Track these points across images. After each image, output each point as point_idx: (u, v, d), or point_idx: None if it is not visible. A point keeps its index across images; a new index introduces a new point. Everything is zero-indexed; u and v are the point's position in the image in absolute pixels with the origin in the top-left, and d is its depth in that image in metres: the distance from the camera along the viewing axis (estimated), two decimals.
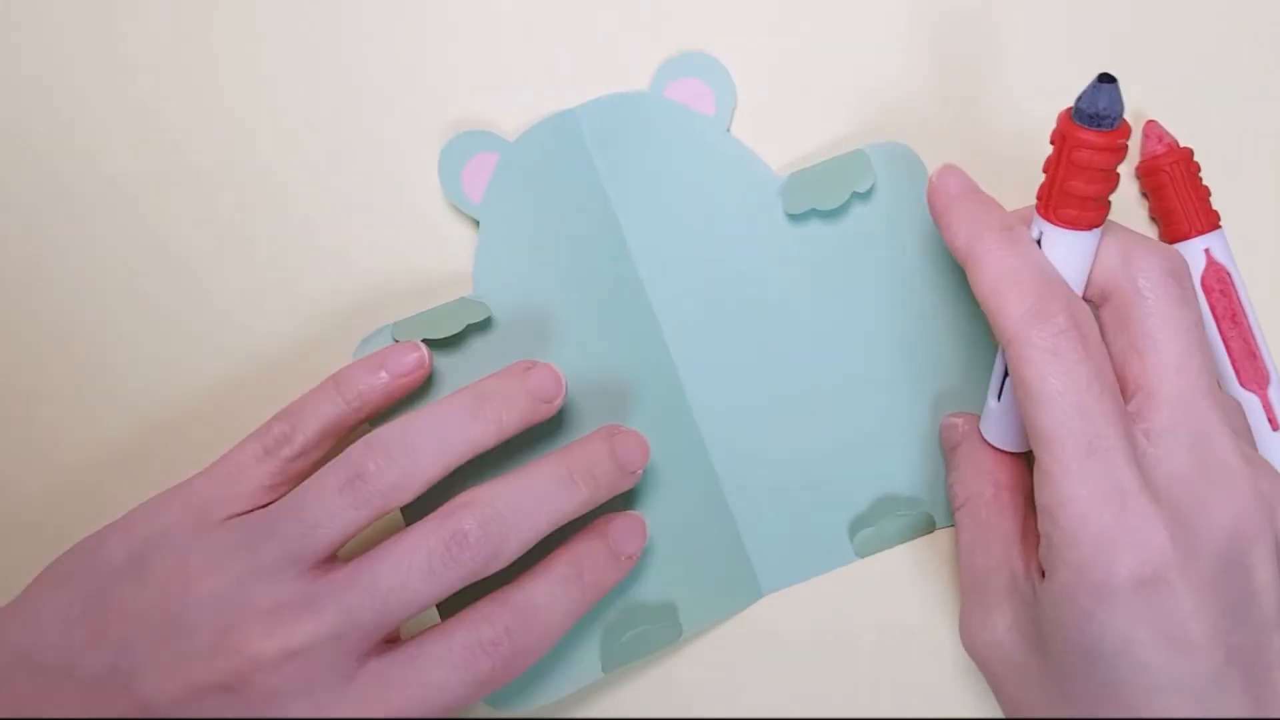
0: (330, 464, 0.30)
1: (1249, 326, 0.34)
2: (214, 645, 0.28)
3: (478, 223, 0.35)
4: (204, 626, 0.28)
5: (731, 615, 0.35)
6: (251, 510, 0.30)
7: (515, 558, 0.30)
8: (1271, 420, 0.34)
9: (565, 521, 0.30)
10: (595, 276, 0.35)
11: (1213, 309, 0.34)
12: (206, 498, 0.30)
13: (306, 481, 0.30)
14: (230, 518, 0.30)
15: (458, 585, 0.29)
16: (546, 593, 0.30)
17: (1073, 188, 0.28)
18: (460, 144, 0.35)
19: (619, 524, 0.33)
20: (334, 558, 0.30)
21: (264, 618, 0.28)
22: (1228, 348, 0.34)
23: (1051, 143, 0.29)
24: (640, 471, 0.33)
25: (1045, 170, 0.29)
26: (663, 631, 0.34)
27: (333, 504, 0.29)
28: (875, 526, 0.35)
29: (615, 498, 0.32)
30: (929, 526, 0.35)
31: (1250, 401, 0.34)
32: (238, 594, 0.28)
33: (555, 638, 0.30)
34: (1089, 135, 0.27)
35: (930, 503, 0.35)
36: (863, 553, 0.35)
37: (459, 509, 0.29)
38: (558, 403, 0.32)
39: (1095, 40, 0.36)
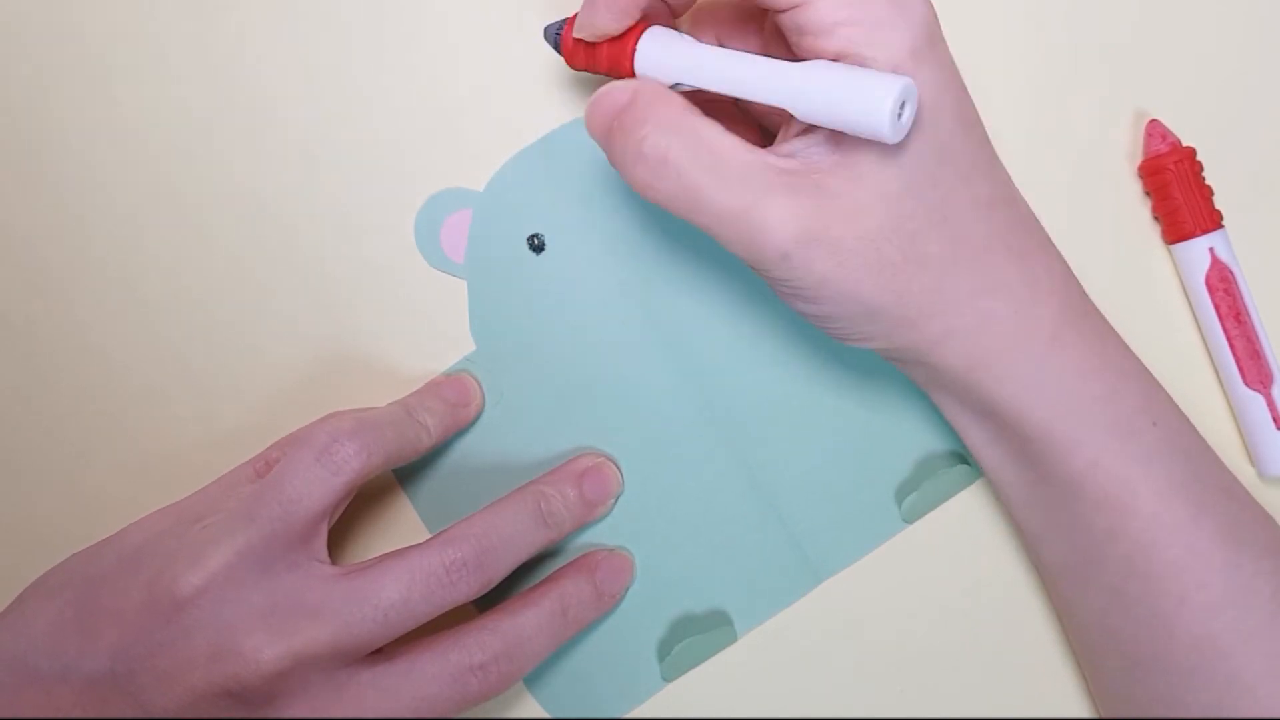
0: (294, 447, 0.31)
1: (1253, 325, 0.34)
2: (213, 650, 0.28)
3: None
4: (200, 629, 0.29)
5: (788, 606, 0.36)
6: None
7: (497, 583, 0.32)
8: (1276, 419, 0.34)
9: (538, 553, 0.33)
10: (595, 306, 0.35)
11: (1217, 308, 0.34)
12: (198, 511, 0.31)
13: (278, 467, 0.31)
14: None
15: (451, 607, 0.30)
16: (534, 626, 0.32)
17: None
18: (432, 208, 0.34)
19: (607, 565, 0.34)
20: (326, 556, 0.31)
21: (263, 621, 0.29)
22: (1232, 346, 0.34)
23: None
24: (610, 503, 0.35)
25: None
26: (717, 637, 0.35)
27: (311, 475, 0.30)
28: (920, 490, 0.35)
29: (649, 513, 0.35)
30: (972, 477, 0.36)
31: (1255, 401, 0.34)
32: (230, 590, 0.29)
33: (534, 666, 0.32)
34: None
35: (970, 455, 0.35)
36: (910, 517, 0.36)
37: (458, 539, 0.31)
38: (475, 406, 0.34)
39: (1098, 39, 0.35)
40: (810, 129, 0.27)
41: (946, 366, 0.29)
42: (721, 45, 0.31)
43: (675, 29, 0.29)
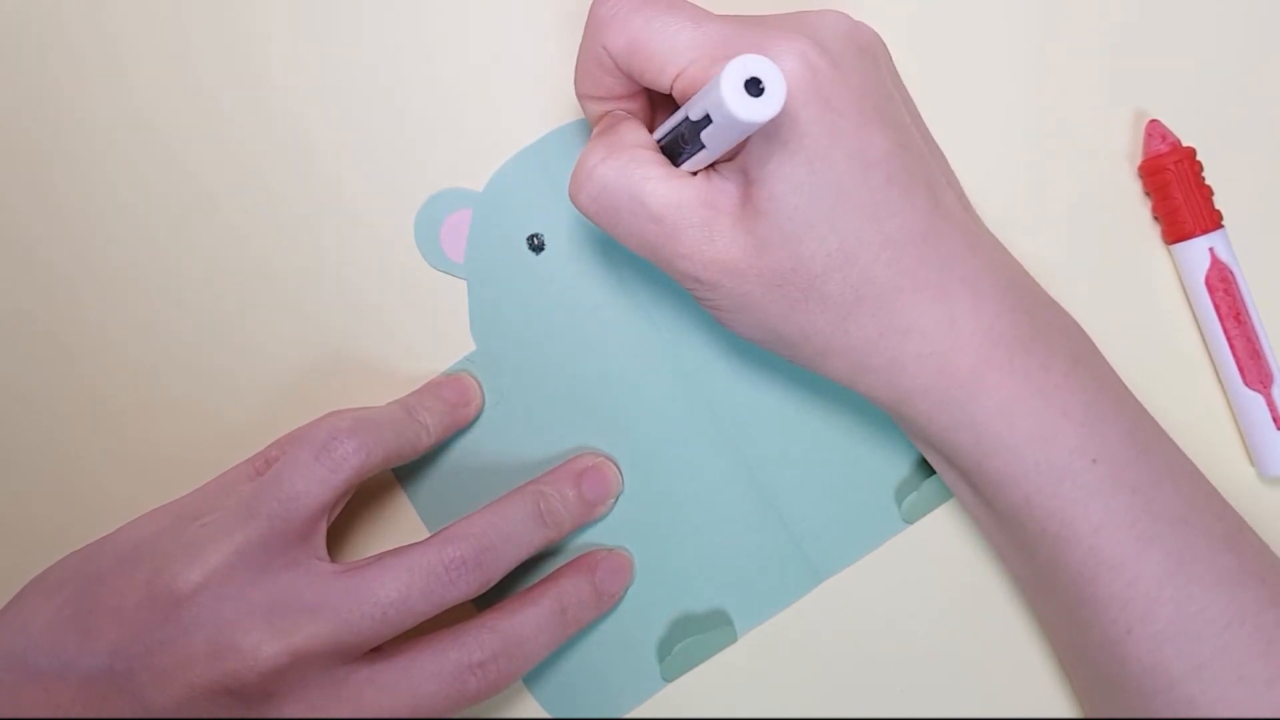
0: (293, 444, 0.31)
1: (1253, 325, 0.34)
2: (212, 648, 0.28)
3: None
4: (199, 625, 0.29)
5: (788, 606, 0.36)
6: None
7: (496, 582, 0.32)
8: (1276, 419, 0.34)
9: (537, 552, 0.33)
10: (595, 306, 0.35)
11: (1217, 308, 0.34)
12: (197, 509, 0.31)
13: (277, 465, 0.31)
14: None
15: (449, 605, 0.31)
16: (534, 625, 0.32)
17: None
18: (432, 208, 0.34)
19: (606, 564, 0.35)
20: (325, 554, 0.31)
21: (262, 619, 0.29)
22: (1232, 347, 0.34)
23: None
24: (610, 502, 0.35)
25: None
26: (717, 637, 0.35)
27: (310, 472, 0.30)
28: (919, 490, 0.35)
29: (649, 513, 0.35)
30: None
31: (1255, 401, 0.34)
32: (229, 587, 0.29)
33: (533, 666, 0.32)
34: None
35: None
36: (910, 517, 0.36)
37: (457, 538, 0.31)
38: (475, 406, 0.35)
39: (1098, 39, 0.35)
40: (722, 164, 0.28)
41: (874, 399, 0.30)
42: None
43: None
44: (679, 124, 0.27)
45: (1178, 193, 0.34)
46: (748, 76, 0.23)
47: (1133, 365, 0.34)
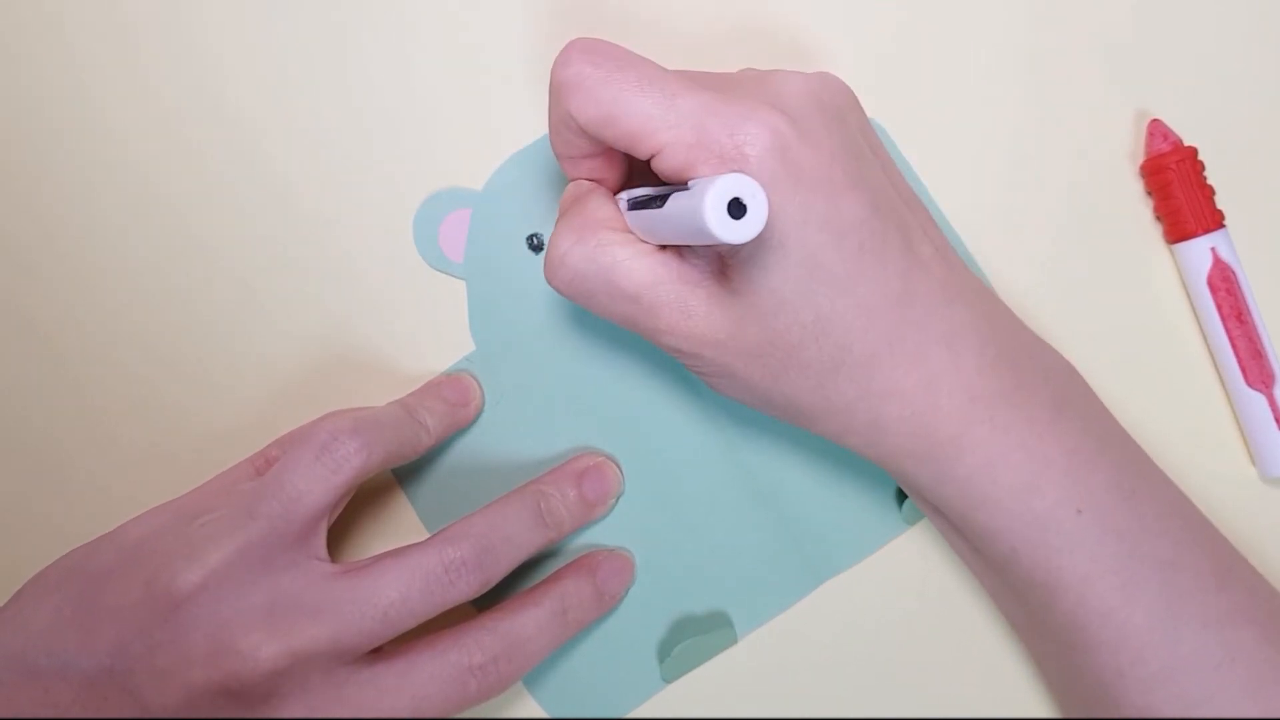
0: (294, 445, 0.31)
1: (1255, 325, 0.34)
2: (212, 648, 0.28)
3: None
4: (199, 626, 0.29)
5: (789, 608, 0.36)
6: None
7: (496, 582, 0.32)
8: (1278, 419, 0.34)
9: (538, 553, 0.33)
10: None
11: (1219, 308, 0.34)
12: (198, 508, 0.31)
13: (278, 465, 0.31)
14: None
15: (450, 606, 0.30)
16: (534, 626, 0.32)
17: None
18: (431, 207, 0.34)
19: (608, 565, 0.34)
20: (325, 555, 0.31)
21: (261, 620, 0.29)
22: (1234, 346, 0.34)
23: None
24: (611, 503, 0.35)
25: None
26: (718, 639, 0.35)
27: (311, 472, 0.30)
28: None
29: (650, 513, 0.35)
30: None
31: (1257, 400, 0.34)
32: (229, 588, 0.29)
33: (533, 666, 0.32)
34: None
35: None
36: (912, 519, 0.36)
37: (458, 538, 0.31)
38: (475, 406, 0.35)
39: (1098, 39, 0.35)
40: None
41: (862, 455, 0.30)
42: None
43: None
44: (655, 196, 0.28)
45: (1179, 192, 0.34)
46: (730, 198, 0.23)
47: (1133, 365, 0.34)
